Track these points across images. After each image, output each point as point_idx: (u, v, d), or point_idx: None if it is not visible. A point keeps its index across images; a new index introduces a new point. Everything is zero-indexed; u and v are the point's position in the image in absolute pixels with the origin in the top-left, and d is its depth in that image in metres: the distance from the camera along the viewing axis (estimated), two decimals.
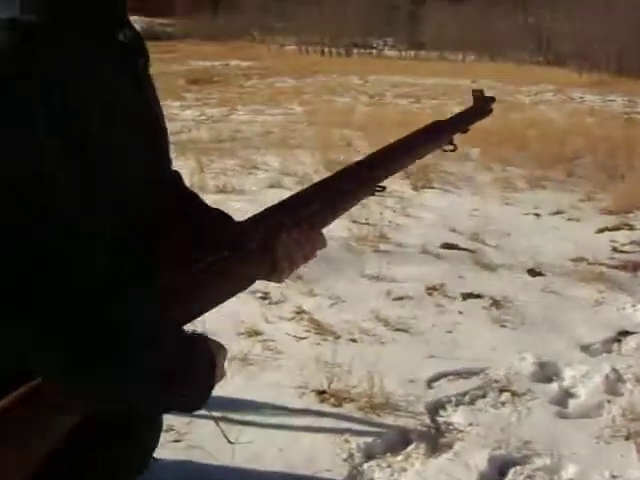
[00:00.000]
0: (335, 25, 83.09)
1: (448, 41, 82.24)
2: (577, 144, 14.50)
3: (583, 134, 16.25)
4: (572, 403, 4.30)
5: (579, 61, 60.41)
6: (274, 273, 1.46)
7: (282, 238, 1.43)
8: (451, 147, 1.88)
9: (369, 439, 3.73)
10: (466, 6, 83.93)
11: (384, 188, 1.70)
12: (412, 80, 37.36)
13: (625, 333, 5.33)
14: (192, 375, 1.24)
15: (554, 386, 4.46)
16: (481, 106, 1.95)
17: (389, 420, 3.93)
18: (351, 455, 3.59)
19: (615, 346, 5.15)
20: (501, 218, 8.61)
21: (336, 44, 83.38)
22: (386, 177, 1.71)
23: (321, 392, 4.19)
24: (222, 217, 1.58)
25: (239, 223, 1.50)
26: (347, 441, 3.70)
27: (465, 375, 4.53)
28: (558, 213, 9.28)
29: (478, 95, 1.94)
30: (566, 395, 4.38)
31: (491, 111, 1.98)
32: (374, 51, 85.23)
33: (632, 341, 5.20)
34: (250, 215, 1.49)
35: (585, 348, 5.05)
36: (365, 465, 3.55)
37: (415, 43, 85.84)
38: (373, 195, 1.70)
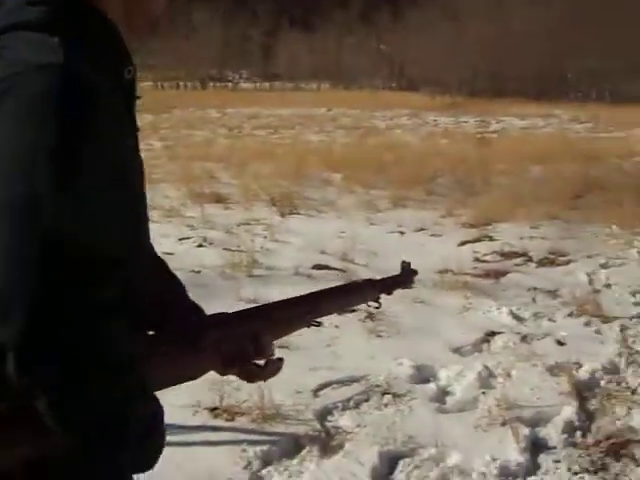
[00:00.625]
0: (189, 59, 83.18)
1: (302, 71, 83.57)
2: (434, 165, 15.10)
3: (439, 155, 16.91)
4: (449, 399, 4.61)
5: (431, 86, 62.47)
6: (223, 370, 1.63)
7: (263, 340, 1.66)
8: (376, 304, 2.12)
9: (265, 447, 3.92)
10: (319, 36, 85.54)
11: (319, 324, 1.95)
12: (269, 111, 37.88)
13: (492, 333, 5.72)
14: (155, 430, 1.33)
15: (431, 386, 4.76)
16: (406, 275, 2.20)
17: (281, 428, 4.13)
18: (249, 463, 3.76)
19: (484, 346, 5.53)
20: (368, 238, 8.94)
21: (191, 78, 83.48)
22: (326, 314, 2.00)
23: (214, 409, 4.35)
24: (193, 309, 1.74)
25: (206, 320, 1.69)
26: (244, 450, 3.88)
27: (348, 382, 4.77)
28: (421, 230, 9.72)
29: (405, 266, 2.20)
30: (443, 393, 4.69)
31: (413, 282, 2.24)
32: (230, 84, 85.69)
33: (499, 340, 5.59)
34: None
35: (457, 350, 5.39)
36: (264, 471, 3.73)
37: (270, 74, 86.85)
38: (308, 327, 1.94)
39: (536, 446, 4.04)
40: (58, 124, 1.17)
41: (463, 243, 8.95)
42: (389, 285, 2.16)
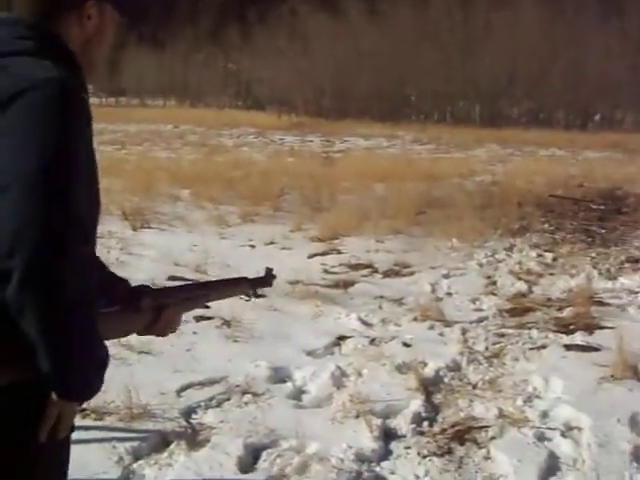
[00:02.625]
0: None
1: (149, 87, 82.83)
2: (281, 182, 15.44)
3: (286, 173, 17.25)
4: (305, 397, 4.91)
5: (277, 105, 63.09)
6: (146, 331, 2.11)
7: (165, 313, 2.10)
8: (247, 298, 2.75)
9: (134, 443, 4.10)
10: (167, 52, 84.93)
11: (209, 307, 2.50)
12: (115, 127, 37.44)
13: (343, 338, 6.07)
14: (104, 366, 1.85)
15: (288, 385, 5.05)
16: (269, 277, 2.70)
17: (149, 426, 4.33)
18: (121, 458, 3.94)
19: (336, 349, 5.87)
20: (219, 251, 9.18)
21: None
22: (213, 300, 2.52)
23: (81, 410, 4.47)
24: (120, 278, 2.21)
25: (135, 286, 2.15)
26: (115, 447, 4.05)
27: (209, 383, 5.01)
28: (272, 243, 10.03)
29: (268, 270, 2.64)
30: (299, 391, 4.99)
31: (272, 284, 2.75)
32: None
33: (350, 343, 5.94)
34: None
35: (310, 353, 5.71)
36: (135, 465, 3.92)
37: (116, 89, 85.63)
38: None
39: (388, 435, 4.39)
40: (63, 119, 1.68)
41: (312, 256, 9.29)
42: (257, 283, 2.65)
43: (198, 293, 2.35)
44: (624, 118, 54.84)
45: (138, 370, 5.06)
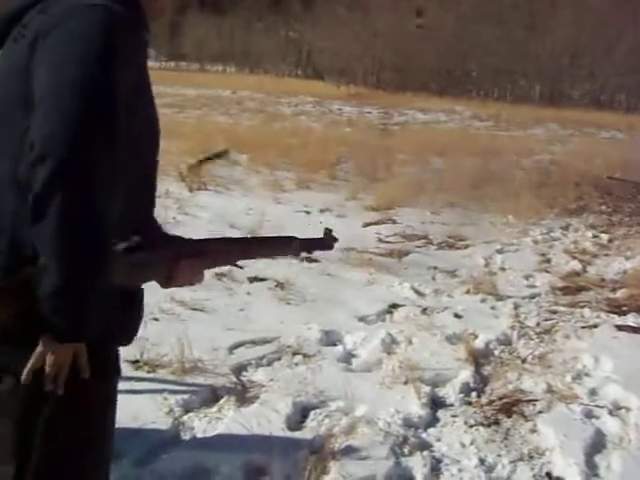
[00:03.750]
0: None
1: (209, 53, 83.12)
2: (338, 151, 15.42)
3: (343, 143, 17.22)
4: (355, 361, 4.94)
5: (337, 75, 62.94)
6: (165, 282, 2.05)
7: (183, 264, 2.02)
8: (300, 259, 2.55)
9: (185, 396, 4.16)
10: (228, 18, 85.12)
11: (242, 267, 2.30)
12: (174, 90, 37.59)
13: (395, 306, 6.08)
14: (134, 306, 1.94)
15: (339, 348, 5.07)
16: (327, 240, 2.49)
17: (200, 380, 4.38)
18: (171, 410, 4.00)
19: (387, 316, 5.88)
20: (275, 215, 9.21)
21: None
22: (254, 257, 2.40)
23: (135, 362, 4.55)
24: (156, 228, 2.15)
25: (160, 238, 2.09)
26: (166, 399, 4.11)
27: (260, 343, 5.06)
28: (326, 210, 10.04)
29: (327, 232, 2.49)
30: (350, 355, 5.01)
31: (332, 247, 2.53)
32: None
33: (402, 312, 5.96)
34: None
35: (362, 319, 5.73)
36: (185, 417, 3.98)
37: (176, 54, 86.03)
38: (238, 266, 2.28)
39: (435, 403, 4.40)
40: (105, 41, 1.67)
41: (367, 225, 9.31)
42: (311, 245, 2.47)
43: (235, 248, 2.26)
44: None
45: (191, 326, 5.10)
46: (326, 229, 2.51)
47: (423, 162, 14.95)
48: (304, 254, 2.55)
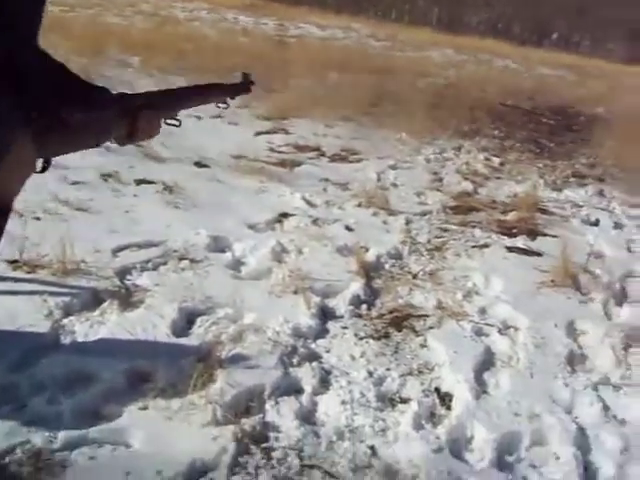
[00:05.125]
0: None
1: None
2: (232, 59, 14.98)
3: (237, 51, 16.77)
4: (244, 269, 4.81)
5: None
6: (127, 138, 1.91)
7: (144, 113, 1.90)
8: (224, 106, 2.47)
9: (66, 299, 3.95)
10: None
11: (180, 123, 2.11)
12: None
13: (285, 215, 5.96)
14: None
15: (227, 255, 4.93)
16: (247, 83, 2.47)
17: (82, 283, 4.17)
18: (51, 312, 3.79)
19: (277, 225, 5.75)
20: None
21: None
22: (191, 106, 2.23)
23: (13, 261, 4.30)
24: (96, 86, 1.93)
25: (109, 92, 1.89)
26: (45, 301, 3.89)
27: (145, 246, 4.85)
28: (218, 117, 9.75)
29: (245, 76, 2.37)
30: (238, 263, 4.87)
31: (251, 90, 2.51)
32: None
33: (292, 221, 5.84)
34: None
35: (252, 226, 5.58)
36: (65, 320, 3.77)
37: None
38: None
39: (325, 314, 4.33)
40: None
41: (259, 133, 9.10)
42: (235, 90, 2.44)
43: (180, 95, 2.16)
44: (580, 42, 54.68)
45: (74, 226, 4.86)
46: (243, 73, 2.50)
47: (319, 76, 14.69)
48: (228, 101, 2.46)
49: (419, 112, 10.94)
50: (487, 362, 4.08)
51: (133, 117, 1.88)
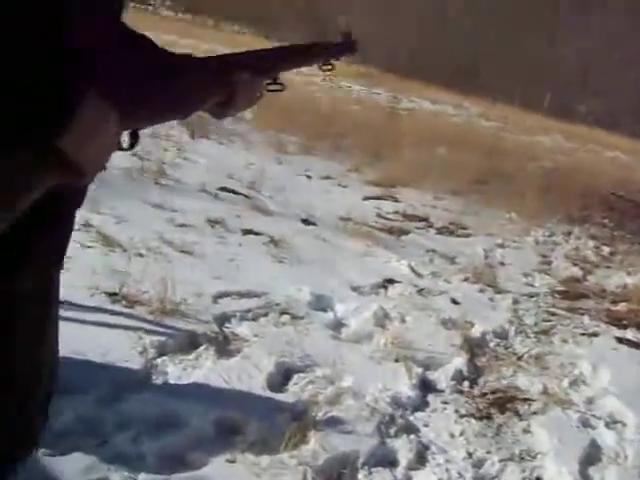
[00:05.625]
0: None
1: (227, 11, 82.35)
2: (344, 126, 15.09)
3: (350, 117, 16.90)
4: (345, 330, 4.65)
5: None
6: (227, 104, 1.62)
7: (241, 76, 1.62)
8: (329, 68, 2.05)
9: (162, 338, 3.86)
10: None
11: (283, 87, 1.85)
12: (187, 42, 37.08)
13: (390, 281, 5.78)
14: None
15: (329, 315, 4.79)
16: (351, 42, 2.13)
17: (180, 324, 4.08)
18: (145, 350, 3.70)
19: (382, 290, 5.59)
20: (275, 174, 8.89)
21: None
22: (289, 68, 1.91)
23: (112, 294, 4.26)
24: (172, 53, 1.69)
25: (195, 58, 1.66)
26: (141, 338, 3.81)
27: (247, 296, 4.75)
28: (328, 178, 9.74)
29: (346, 35, 2.12)
30: (340, 324, 4.72)
31: (357, 49, 2.12)
32: (150, 7, 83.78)
33: (397, 288, 5.67)
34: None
35: (355, 289, 5.43)
36: (159, 360, 3.68)
37: (193, 7, 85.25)
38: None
39: (426, 386, 4.13)
40: None
41: (367, 198, 9.00)
42: (339, 49, 2.09)
43: (279, 55, 1.88)
44: None
45: (177, 268, 4.81)
46: (344, 32, 2.15)
47: (428, 149, 14.60)
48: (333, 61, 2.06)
49: (529, 194, 10.71)
50: (593, 456, 3.83)
51: (229, 81, 1.63)
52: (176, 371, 3.62)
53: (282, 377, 3.79)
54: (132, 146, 1.40)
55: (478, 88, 57.05)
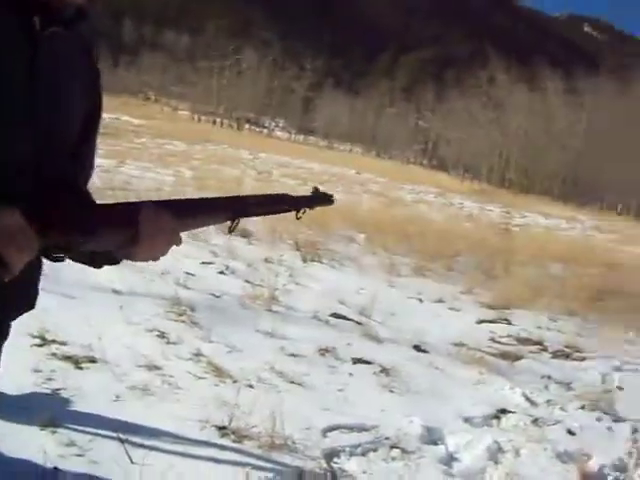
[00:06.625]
0: (230, 98, 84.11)
1: (338, 131, 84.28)
2: (457, 244, 15.09)
3: (461, 236, 16.89)
4: (457, 465, 4.53)
5: (462, 169, 62.84)
6: (133, 244, 1.65)
7: (146, 213, 1.64)
8: (299, 215, 2.12)
9: (269, 474, 3.86)
10: (361, 100, 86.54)
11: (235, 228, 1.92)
12: (300, 163, 38.07)
13: (504, 411, 5.64)
14: None
15: (440, 448, 4.69)
16: (319, 197, 2.17)
17: (288, 460, 4.06)
18: None
19: (495, 421, 5.44)
20: (387, 298, 8.91)
21: (229, 116, 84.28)
22: (236, 218, 1.93)
23: (222, 427, 4.29)
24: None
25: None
26: (248, 474, 3.80)
27: (357, 429, 4.71)
28: (440, 301, 9.69)
29: (315, 190, 2.19)
30: (451, 459, 4.61)
31: (331, 202, 2.22)
32: (265, 130, 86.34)
33: (511, 419, 5.51)
34: None
35: (467, 420, 5.32)
36: None
37: (306, 128, 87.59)
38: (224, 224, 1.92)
39: None
40: None
41: (480, 322, 8.91)
42: (310, 201, 2.16)
43: (217, 205, 1.88)
44: None
45: (287, 400, 4.83)
46: (314, 187, 2.24)
47: (542, 266, 14.48)
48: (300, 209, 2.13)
49: None
50: None
51: (133, 226, 1.64)
52: None
53: None
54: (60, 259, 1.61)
55: (592, 201, 56.45)
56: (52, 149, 1.70)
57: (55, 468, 3.55)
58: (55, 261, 1.62)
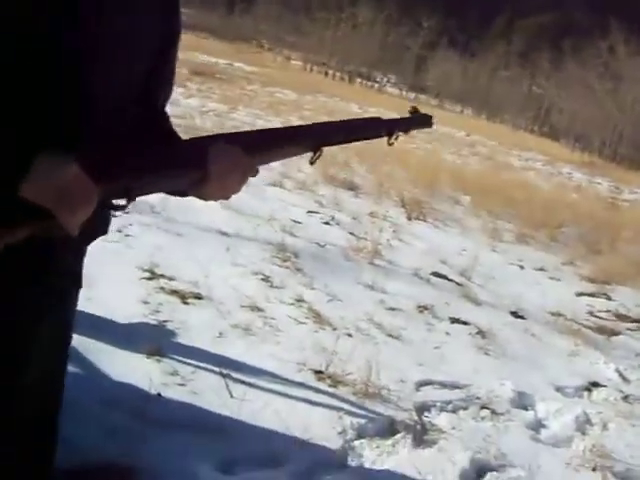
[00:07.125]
0: (343, 51, 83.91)
1: (450, 92, 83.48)
2: (562, 214, 14.87)
3: (567, 207, 16.64)
4: (545, 432, 4.58)
5: (573, 139, 61.52)
6: (203, 184, 1.63)
7: (216, 152, 1.60)
8: (391, 141, 2.00)
9: (362, 420, 3.99)
10: (475, 62, 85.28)
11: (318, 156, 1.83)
12: None
13: (596, 384, 5.65)
14: None
15: (530, 414, 4.74)
16: (418, 118, 2.10)
17: (380, 409, 4.19)
18: (344, 431, 3.84)
19: (586, 393, 5.46)
20: (487, 262, 8.91)
21: (341, 69, 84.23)
22: (319, 148, 1.83)
23: (318, 372, 4.45)
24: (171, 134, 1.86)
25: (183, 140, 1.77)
26: (341, 418, 3.95)
27: (450, 387, 4.80)
28: (541, 270, 9.64)
29: (414, 112, 2.09)
30: (540, 425, 4.66)
31: (430, 124, 2.14)
32: (376, 85, 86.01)
33: (602, 392, 5.52)
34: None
35: (559, 389, 5.35)
36: (357, 442, 3.80)
37: (417, 86, 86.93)
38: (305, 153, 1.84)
39: None
40: None
41: (580, 294, 8.84)
42: (408, 123, 2.09)
43: (295, 134, 1.80)
44: None
45: (383, 351, 4.96)
46: (412, 107, 2.15)
47: None
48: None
49: None
50: None
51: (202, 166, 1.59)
52: (372, 455, 3.73)
53: (475, 474, 3.79)
54: (123, 207, 1.52)
55: None
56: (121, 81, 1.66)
57: (159, 394, 3.75)
58: (116, 210, 1.55)
